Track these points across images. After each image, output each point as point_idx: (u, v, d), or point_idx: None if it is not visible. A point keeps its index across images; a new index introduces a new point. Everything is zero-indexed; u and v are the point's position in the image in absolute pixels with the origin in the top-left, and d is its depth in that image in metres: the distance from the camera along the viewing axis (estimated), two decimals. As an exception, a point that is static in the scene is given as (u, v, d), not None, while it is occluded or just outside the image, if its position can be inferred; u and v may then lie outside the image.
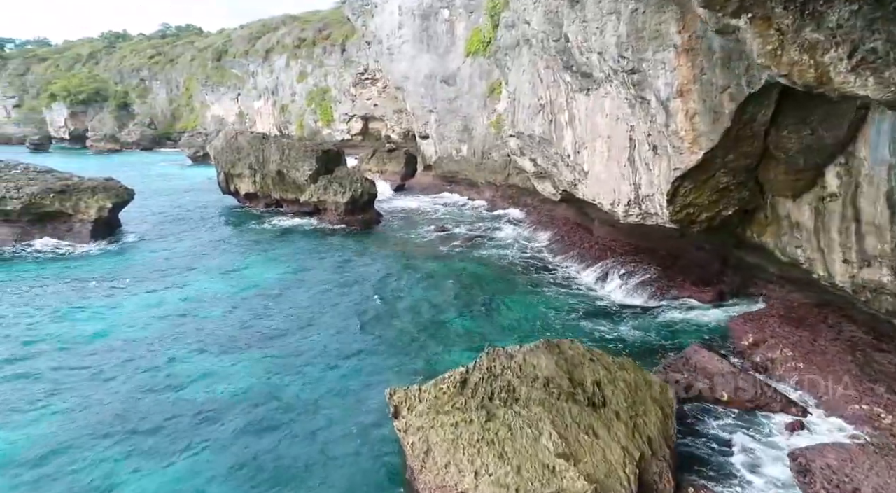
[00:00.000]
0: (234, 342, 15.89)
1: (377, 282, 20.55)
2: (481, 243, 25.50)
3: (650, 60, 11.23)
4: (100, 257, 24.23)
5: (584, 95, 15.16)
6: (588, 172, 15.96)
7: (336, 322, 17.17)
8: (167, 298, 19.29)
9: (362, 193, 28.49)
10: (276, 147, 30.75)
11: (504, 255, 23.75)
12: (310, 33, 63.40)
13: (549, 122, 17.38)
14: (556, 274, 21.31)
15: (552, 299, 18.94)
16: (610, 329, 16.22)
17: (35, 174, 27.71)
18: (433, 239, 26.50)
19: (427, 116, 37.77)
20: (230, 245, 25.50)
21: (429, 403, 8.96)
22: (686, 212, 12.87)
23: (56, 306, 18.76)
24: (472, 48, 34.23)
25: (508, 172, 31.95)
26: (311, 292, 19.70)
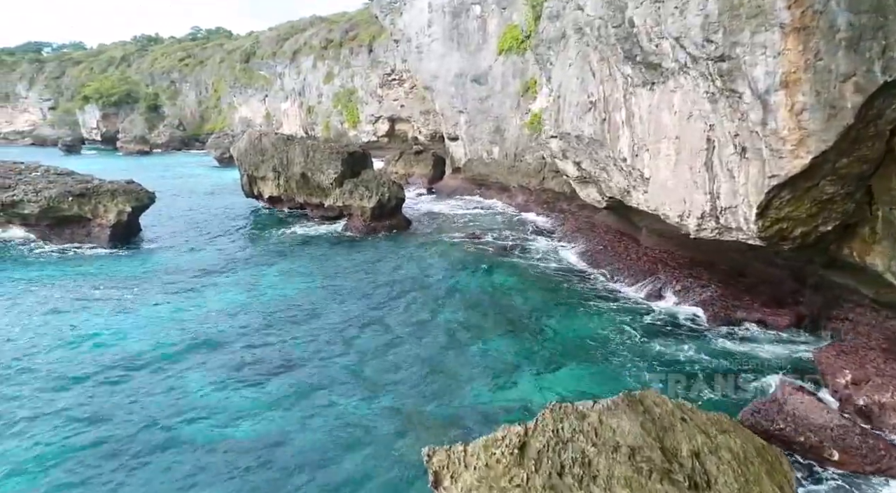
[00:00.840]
0: (249, 367, 14.03)
1: (406, 299, 18.55)
2: (516, 253, 23.35)
3: (746, 44, 9.03)
4: (116, 262, 22.75)
5: (647, 90, 12.94)
6: (649, 178, 13.73)
7: (361, 345, 15.21)
8: (181, 310, 17.59)
9: (390, 198, 26.58)
10: (301, 149, 29.03)
11: (541, 266, 21.55)
12: (337, 34, 61.97)
13: (602, 121, 15.18)
14: (600, 289, 19.04)
15: (598, 318, 16.70)
16: (670, 358, 13.95)
17: (55, 177, 26.45)
18: (464, 248, 24.42)
19: (457, 116, 35.74)
20: (251, 253, 23.80)
21: (479, 472, 6.95)
22: (778, 227, 10.59)
23: (62, 315, 17.18)
24: (505, 45, 32.10)
25: (543, 175, 29.72)
26: (334, 309, 17.80)
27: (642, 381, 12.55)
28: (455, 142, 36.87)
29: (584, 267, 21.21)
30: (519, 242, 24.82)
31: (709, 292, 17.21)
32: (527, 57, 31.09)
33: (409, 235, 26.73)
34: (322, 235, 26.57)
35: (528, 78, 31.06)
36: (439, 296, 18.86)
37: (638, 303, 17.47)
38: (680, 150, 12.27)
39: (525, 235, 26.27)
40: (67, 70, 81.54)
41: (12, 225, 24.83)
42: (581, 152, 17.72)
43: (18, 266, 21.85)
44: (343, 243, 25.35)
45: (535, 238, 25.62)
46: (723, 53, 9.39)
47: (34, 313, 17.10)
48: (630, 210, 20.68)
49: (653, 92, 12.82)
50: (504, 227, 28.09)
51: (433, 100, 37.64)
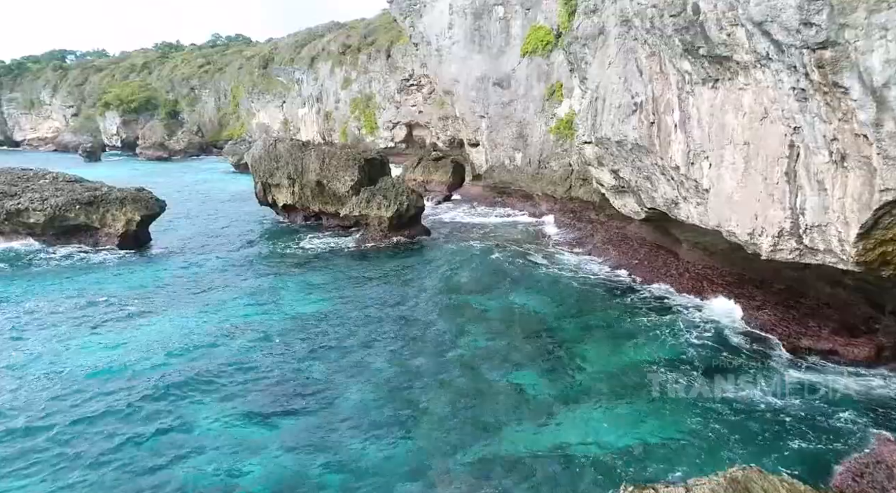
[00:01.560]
0: (257, 398, 12.35)
1: (425, 320, 16.75)
2: (542, 267, 21.45)
3: (860, 26, 7.17)
4: (123, 274, 21.29)
5: (709, 89, 11.06)
6: (708, 189, 11.82)
7: (378, 375, 13.41)
8: (187, 329, 16.01)
9: (408, 207, 24.87)
10: (316, 155, 27.48)
11: (572, 282, 19.61)
12: (355, 40, 60.67)
13: (649, 124, 13.30)
14: (640, 308, 17.05)
15: (642, 344, 14.71)
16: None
17: (63, 184, 25.20)
18: (487, 261, 22.58)
19: (478, 121, 33.98)
20: (263, 266, 22.20)
21: None
22: (882, 250, 8.65)
23: (60, 336, 15.71)
24: (530, 48, 30.30)
25: (570, 183, 27.80)
26: (348, 330, 16.06)
27: (714, 432, 10.54)
28: (475, 148, 35.12)
29: (618, 283, 19.24)
30: (545, 255, 22.92)
31: (766, 316, 15.18)
32: (552, 59, 29.29)
33: (429, 247, 24.99)
34: (337, 246, 24.94)
35: (554, 81, 29.24)
36: (462, 317, 17.05)
37: (685, 326, 15.49)
38: (750, 157, 10.36)
39: (551, 247, 24.37)
40: (90, 77, 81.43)
41: (18, 234, 23.58)
42: (621, 160, 15.84)
43: (18, 279, 20.51)
44: (358, 256, 23.67)
45: (562, 250, 23.70)
46: (826, 38, 7.51)
47: (30, 334, 15.62)
48: (670, 222, 18.74)
49: (716, 90, 10.93)
50: (528, 238, 26.22)
51: (453, 104, 35.95)
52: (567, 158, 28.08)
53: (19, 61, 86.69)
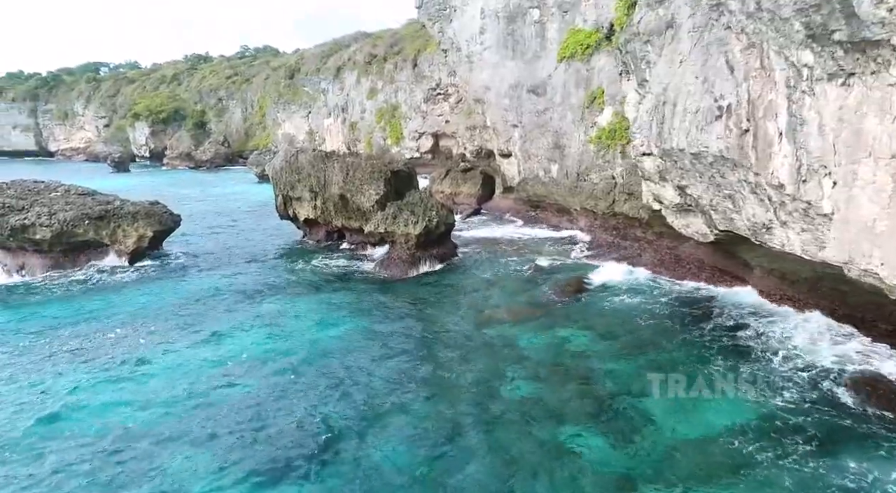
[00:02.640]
0: (265, 450, 10.06)
1: (458, 360, 14.19)
2: (588, 293, 18.77)
3: None
4: (131, 294, 19.23)
5: (838, 86, 8.42)
6: (830, 213, 9.13)
7: (406, 428, 10.90)
8: (192, 362, 13.75)
9: (438, 224, 22.44)
10: (340, 167, 25.29)
11: (623, 312, 16.90)
12: (381, 49, 58.95)
13: (741, 133, 10.65)
14: (710, 348, 14.30)
15: (723, 396, 11.92)
16: (855, 471, 9.23)
17: (75, 197, 23.41)
18: (524, 286, 19.97)
19: (510, 131, 31.51)
20: (280, 287, 19.97)
21: None
22: None
23: (49, 363, 13.73)
24: (568, 52, 27.76)
25: (614, 197, 25.08)
26: (372, 367, 13.64)
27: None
28: (507, 159, 32.62)
29: (682, 317, 16.44)
30: (590, 279, 20.22)
31: (878, 362, 12.34)
32: (592, 64, 26.70)
33: (459, 268, 22.50)
34: (360, 265, 22.60)
35: (595, 88, 26.62)
36: (500, 355, 14.48)
37: (780, 373, 12.63)
38: (902, 175, 7.70)
39: (595, 269, 21.65)
40: (122, 89, 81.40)
41: (25, 251, 21.83)
42: (693, 175, 13.17)
43: (22, 296, 18.66)
44: (383, 276, 21.33)
45: (609, 273, 20.96)
46: None
47: (18, 369, 13.61)
48: (741, 245, 15.95)
49: (848, 88, 8.28)
50: (568, 257, 23.54)
51: (484, 113, 33.54)
52: (610, 171, 25.39)
53: (55, 74, 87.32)
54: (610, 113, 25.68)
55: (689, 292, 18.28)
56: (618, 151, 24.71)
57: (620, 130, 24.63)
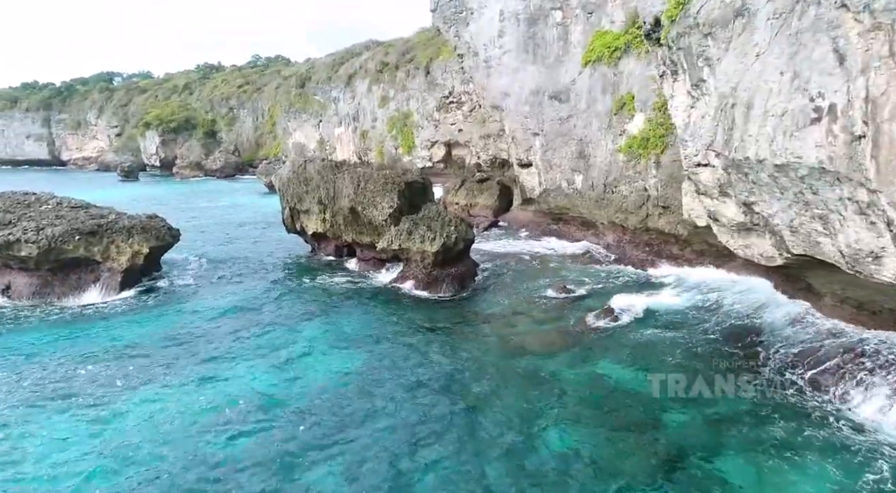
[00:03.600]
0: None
1: (486, 399, 11.96)
2: (626, 319, 16.42)
3: None
4: (120, 320, 17.19)
5: None
6: None
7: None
8: (181, 409, 11.59)
9: (456, 240, 20.25)
10: (350, 178, 23.23)
11: (670, 343, 14.55)
12: (393, 57, 57.20)
13: (853, 139, 8.41)
14: (783, 395, 11.95)
15: (805, 460, 9.68)
16: None
17: (67, 211, 21.48)
18: (553, 310, 17.71)
19: (530, 140, 29.35)
20: (285, 309, 17.86)
21: None
22: None
23: (19, 408, 11.71)
24: (594, 56, 25.59)
25: (647, 211, 22.78)
26: (388, 409, 11.47)
27: None
28: (527, 169, 30.43)
29: (739, 349, 14.04)
30: (626, 302, 17.92)
31: None
32: (621, 68, 24.50)
33: (480, 287, 20.28)
34: (373, 286, 20.44)
35: (623, 93, 24.40)
36: (534, 394, 12.23)
37: (866, 444, 10.25)
38: None
39: (629, 290, 19.32)
40: (134, 98, 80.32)
41: (10, 270, 19.88)
42: (770, 190, 10.89)
43: None
44: (398, 298, 19.14)
45: (646, 296, 18.66)
46: None
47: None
48: (812, 271, 13.62)
49: None
50: (597, 276, 21.22)
51: (502, 121, 31.42)
52: (641, 182, 23.10)
53: (69, 83, 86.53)
54: (641, 120, 23.45)
55: (739, 315, 15.94)
56: (651, 161, 22.45)
57: (654, 138, 22.39)
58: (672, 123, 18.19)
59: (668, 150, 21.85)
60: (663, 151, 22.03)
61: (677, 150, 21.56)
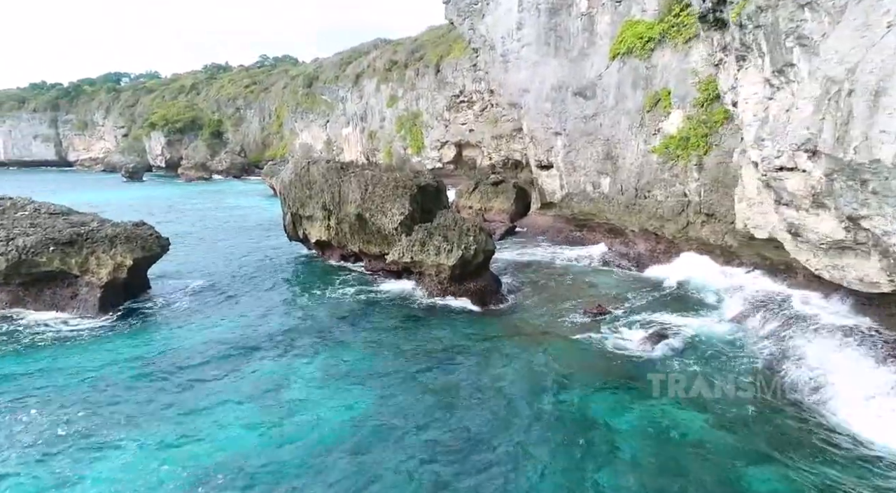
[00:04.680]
0: None
1: (526, 453, 9.40)
2: (675, 346, 13.81)
3: None
4: (94, 348, 14.59)
5: None
6: None
7: None
8: (148, 474, 9.19)
9: (476, 252, 17.65)
10: (357, 182, 20.67)
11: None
12: (402, 55, 54.63)
13: None
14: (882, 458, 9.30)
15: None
16: None
17: (44, 218, 19.04)
18: (591, 332, 14.99)
19: (551, 139, 26.70)
20: (280, 334, 15.25)
21: None
22: None
23: None
24: (623, 48, 22.90)
25: (688, 219, 20.07)
26: (400, 464, 8.94)
27: None
28: (547, 171, 27.78)
29: (826, 402, 11.34)
30: (672, 324, 15.27)
31: None
32: (654, 61, 21.80)
33: (503, 305, 17.66)
34: (381, 304, 17.82)
35: (657, 88, 21.69)
36: (581, 446, 9.59)
37: None
38: None
39: (673, 308, 16.67)
40: (141, 99, 78.18)
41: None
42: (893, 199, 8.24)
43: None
44: (410, 319, 16.52)
45: (695, 316, 16.00)
46: None
47: None
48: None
49: None
50: (632, 291, 18.49)
51: (520, 119, 28.77)
52: (680, 186, 20.41)
53: (76, 84, 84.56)
54: (679, 117, 20.76)
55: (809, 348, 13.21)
56: (692, 163, 19.75)
57: (696, 137, 19.69)
58: (732, 118, 15.53)
59: (712, 151, 19.16)
60: (706, 151, 19.34)
61: (723, 150, 18.90)
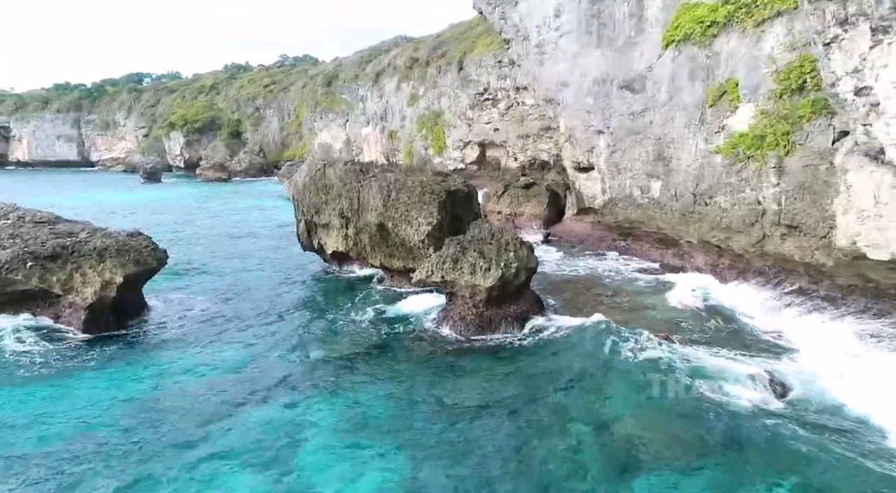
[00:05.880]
0: None
1: None
2: (800, 392, 10.75)
3: None
4: (69, 381, 12.14)
5: None
6: None
7: None
8: None
9: (518, 271, 14.65)
10: (379, 187, 17.83)
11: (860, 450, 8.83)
12: (423, 53, 51.76)
13: None
14: None
15: None
16: None
17: (29, 227, 16.57)
18: (660, 373, 11.99)
19: (593, 139, 23.56)
20: (295, 375, 12.33)
21: None
22: None
23: None
24: (679, 34, 19.65)
25: (763, 231, 16.79)
26: None
27: None
28: (586, 173, 24.64)
29: None
30: (782, 366, 12.16)
31: None
32: (717, 48, 18.53)
33: (549, 335, 14.58)
34: (406, 332, 14.94)
35: (721, 79, 18.45)
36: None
37: None
38: None
39: (760, 341, 13.53)
40: (162, 99, 76.65)
41: (-50, 302, 15.07)
42: None
43: None
44: (441, 349, 13.64)
45: (791, 352, 12.86)
46: None
47: None
48: None
49: None
50: (706, 320, 15.34)
51: (557, 116, 25.66)
52: (753, 193, 17.16)
53: (99, 84, 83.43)
54: (750, 112, 17.49)
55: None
56: (769, 165, 16.49)
57: (775, 135, 16.41)
58: (828, 112, 12.33)
59: (795, 151, 15.89)
60: (788, 152, 16.07)
61: (812, 151, 15.57)
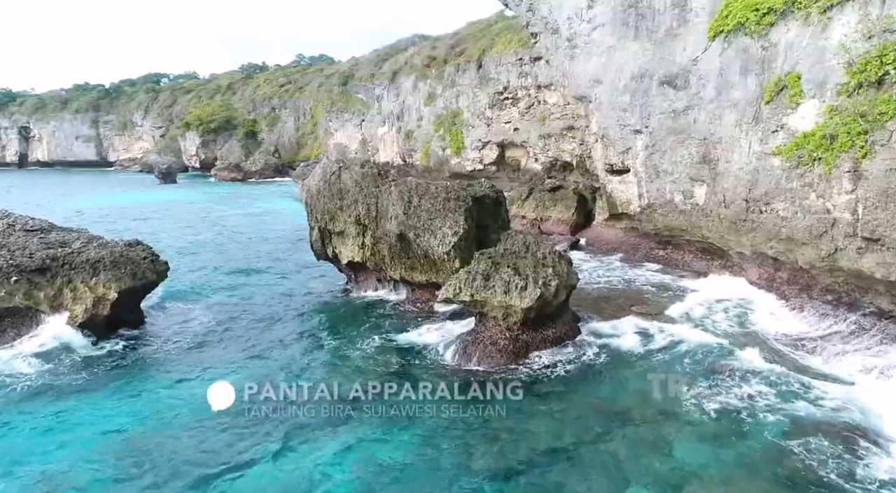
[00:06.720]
0: None
1: None
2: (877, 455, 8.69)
3: None
4: (52, 411, 10.63)
5: None
6: None
7: None
8: None
9: (558, 289, 12.68)
10: (399, 193, 15.95)
11: None
12: (441, 51, 49.92)
13: None
14: None
15: None
16: None
17: (18, 236, 14.93)
18: (729, 415, 10.05)
19: (629, 139, 21.47)
20: (304, 415, 10.51)
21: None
22: None
23: None
24: (729, 24, 17.51)
25: (835, 244, 14.54)
26: None
27: None
28: (620, 176, 22.54)
29: None
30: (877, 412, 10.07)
31: None
32: (774, 38, 16.36)
33: (590, 359, 12.66)
34: (427, 364, 12.98)
35: (780, 72, 16.27)
36: None
37: None
38: None
39: (840, 373, 11.42)
40: (179, 99, 75.83)
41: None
42: None
43: None
44: (471, 382, 11.72)
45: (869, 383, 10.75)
46: None
47: None
48: None
49: None
50: (769, 344, 13.27)
51: (588, 115, 23.59)
52: (820, 200, 14.95)
53: (117, 85, 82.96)
54: (816, 109, 15.29)
55: None
56: (841, 169, 14.28)
57: (849, 135, 14.19)
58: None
59: (875, 153, 13.68)
60: (866, 154, 13.86)
61: None
